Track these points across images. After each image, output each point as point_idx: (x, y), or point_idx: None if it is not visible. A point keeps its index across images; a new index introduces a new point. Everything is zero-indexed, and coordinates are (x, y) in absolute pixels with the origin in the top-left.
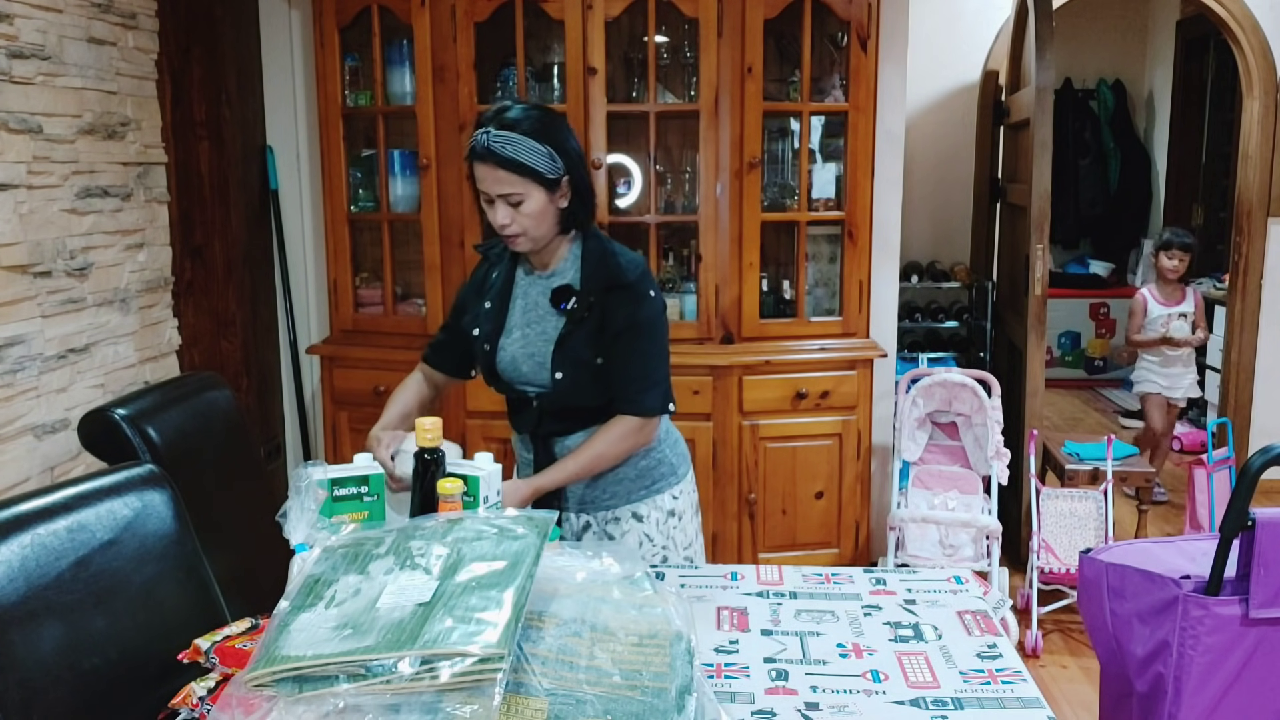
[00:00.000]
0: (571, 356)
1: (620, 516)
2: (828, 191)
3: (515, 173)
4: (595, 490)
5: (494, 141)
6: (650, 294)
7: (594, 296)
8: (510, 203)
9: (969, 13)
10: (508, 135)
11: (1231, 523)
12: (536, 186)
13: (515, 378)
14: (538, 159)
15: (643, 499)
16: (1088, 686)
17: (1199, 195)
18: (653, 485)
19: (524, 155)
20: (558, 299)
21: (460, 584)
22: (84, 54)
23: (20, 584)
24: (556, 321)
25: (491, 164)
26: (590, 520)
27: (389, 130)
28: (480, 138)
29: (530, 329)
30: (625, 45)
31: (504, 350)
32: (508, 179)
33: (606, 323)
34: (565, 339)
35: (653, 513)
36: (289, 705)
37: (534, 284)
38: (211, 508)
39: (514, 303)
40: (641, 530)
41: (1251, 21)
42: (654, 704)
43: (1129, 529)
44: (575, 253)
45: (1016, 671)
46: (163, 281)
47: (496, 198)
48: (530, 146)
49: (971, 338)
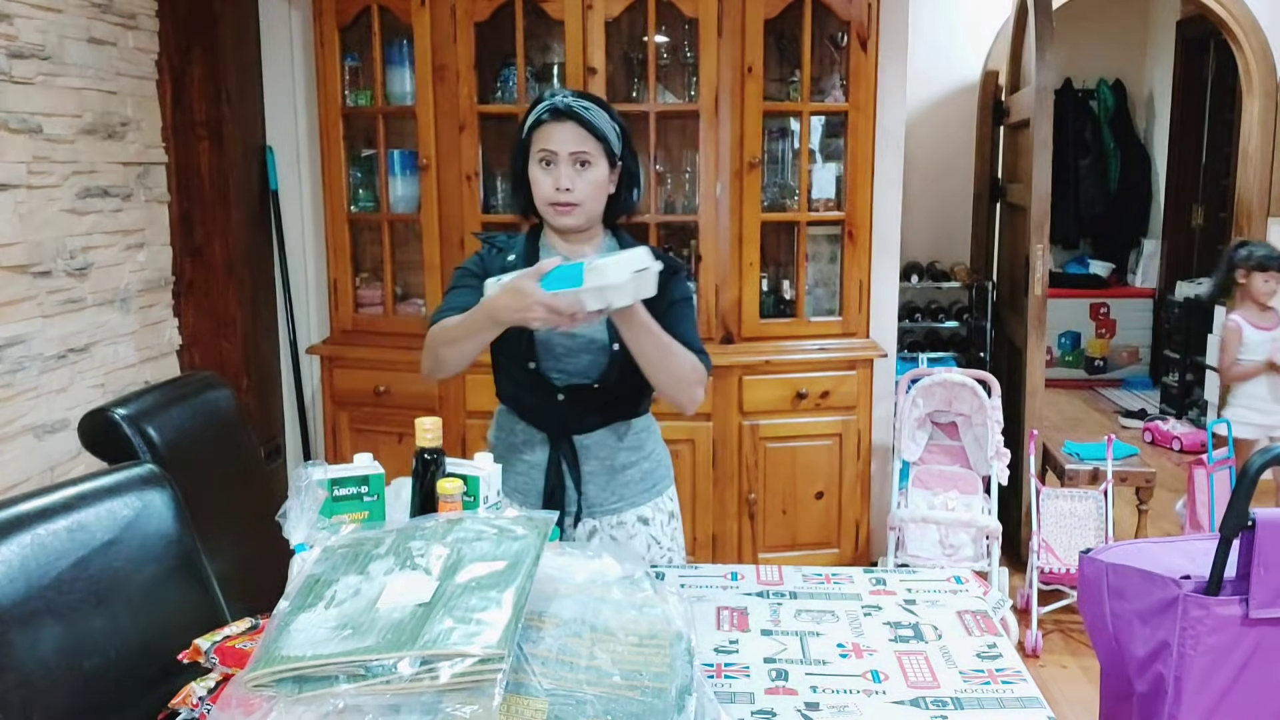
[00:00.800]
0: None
1: (626, 520)
2: (828, 191)
3: (593, 134)
4: (604, 493)
5: (574, 103)
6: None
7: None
8: (579, 161)
9: (969, 13)
10: (585, 101)
11: (1231, 523)
12: (603, 157)
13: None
14: (610, 130)
15: (646, 501)
16: (1088, 686)
17: (1199, 195)
18: (654, 487)
19: (600, 121)
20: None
21: (460, 584)
22: (84, 54)
23: (20, 584)
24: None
25: (573, 122)
26: (596, 525)
27: (389, 130)
28: (558, 100)
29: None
30: (625, 45)
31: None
32: (585, 139)
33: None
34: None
35: (657, 515)
36: (289, 705)
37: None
38: (211, 508)
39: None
40: (648, 533)
41: (1251, 21)
42: (654, 704)
43: (1129, 529)
44: (611, 244)
45: (1016, 671)
46: (163, 281)
47: (566, 156)
48: (605, 118)
49: (971, 338)
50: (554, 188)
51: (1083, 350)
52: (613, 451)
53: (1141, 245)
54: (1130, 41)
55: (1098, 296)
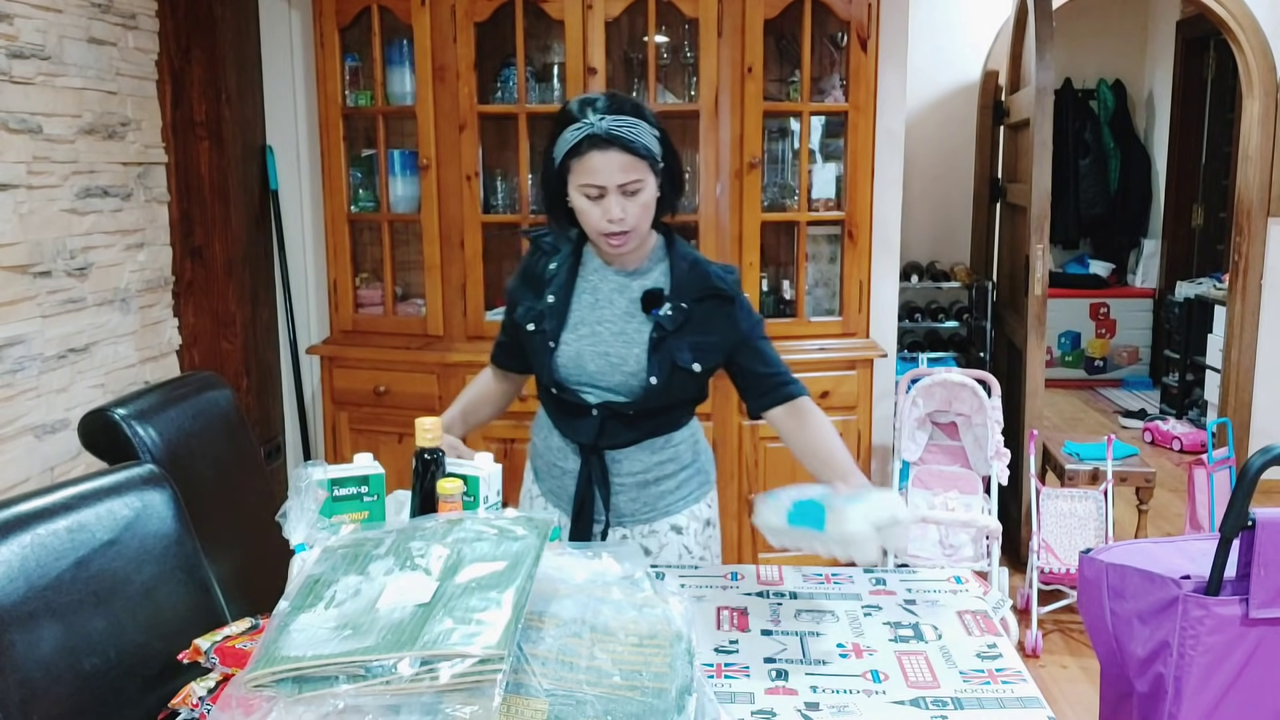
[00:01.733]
0: (669, 361)
1: (658, 529)
2: (828, 191)
3: (640, 157)
4: (636, 503)
5: (616, 126)
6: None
7: (685, 304)
8: (628, 192)
9: (969, 13)
10: (624, 119)
11: (1231, 523)
12: (651, 173)
13: (573, 376)
14: (654, 141)
15: (681, 509)
16: (1088, 686)
17: (1199, 195)
18: (689, 495)
19: (645, 138)
20: (649, 303)
21: (460, 585)
22: (84, 54)
23: (20, 584)
24: (641, 325)
25: (617, 149)
26: (626, 534)
27: (389, 130)
28: (599, 124)
29: (601, 327)
30: (625, 45)
31: (566, 346)
32: (633, 165)
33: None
34: (659, 344)
35: (691, 523)
36: (289, 706)
37: (606, 278)
38: (211, 508)
39: (578, 297)
40: (681, 543)
41: (1251, 21)
42: (654, 704)
43: (1129, 529)
44: (660, 252)
45: (1016, 671)
46: (163, 281)
47: (614, 189)
48: (646, 129)
49: (971, 338)
50: (604, 219)
51: (1083, 350)
52: (646, 466)
53: (1141, 245)
54: (1130, 41)
55: (1098, 296)
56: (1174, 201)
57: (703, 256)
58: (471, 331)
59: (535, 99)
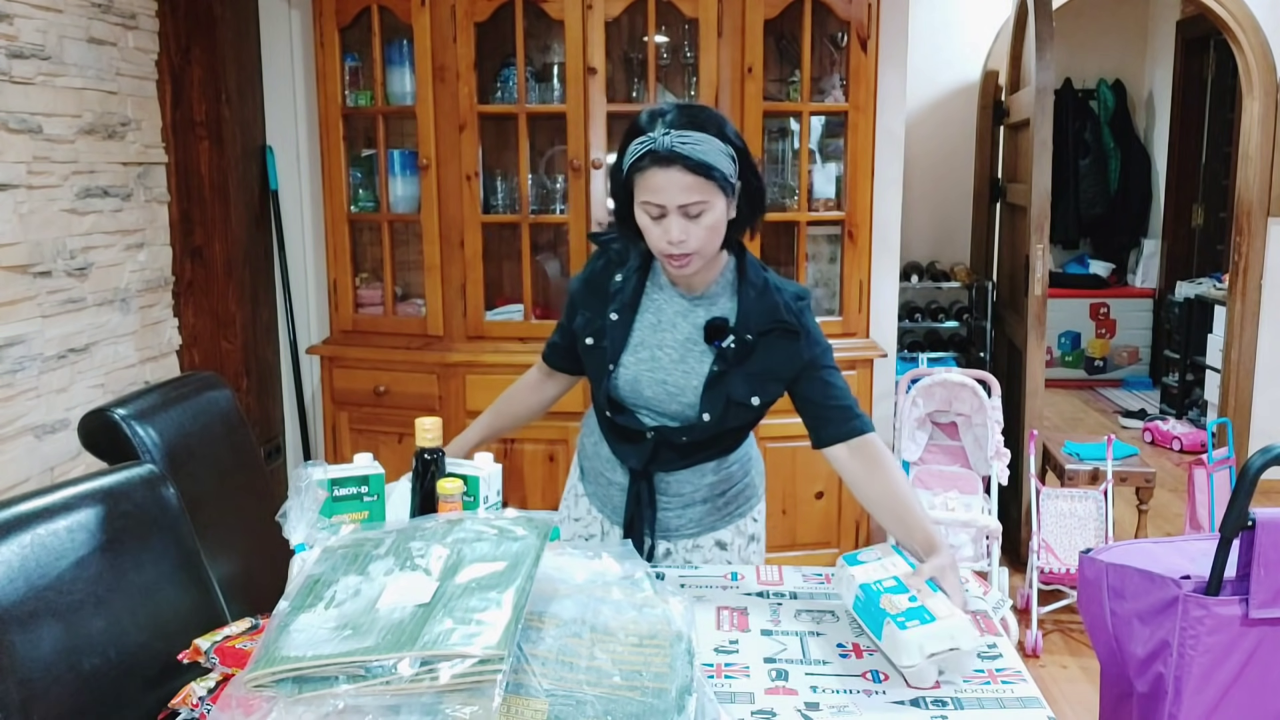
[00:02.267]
0: (724, 396)
1: (702, 544)
2: (828, 191)
3: (705, 177)
4: (682, 519)
5: (680, 142)
6: (814, 323)
7: (751, 336)
8: (690, 214)
9: (969, 13)
10: (691, 134)
11: (1231, 523)
12: (720, 194)
13: (630, 399)
14: (724, 160)
15: (726, 525)
16: (1088, 686)
17: (1199, 195)
18: (738, 510)
19: (713, 156)
20: (712, 334)
21: (460, 585)
22: (84, 54)
23: (20, 584)
24: (701, 355)
25: (679, 168)
26: (670, 548)
27: (389, 130)
28: (661, 139)
29: (662, 351)
30: (625, 45)
31: (625, 369)
32: (696, 186)
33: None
34: (717, 379)
35: (736, 539)
36: (289, 706)
37: (671, 300)
38: (211, 508)
39: (641, 316)
40: (724, 558)
41: (1251, 21)
42: (654, 704)
43: (1129, 529)
44: (729, 277)
45: (1016, 671)
46: (163, 281)
47: (675, 209)
48: (716, 146)
49: (971, 338)
50: (664, 239)
51: (1083, 350)
52: (696, 488)
53: (1141, 245)
54: (1130, 41)
55: (1098, 296)
56: (1174, 201)
57: (775, 279)
58: (471, 332)
59: (535, 99)
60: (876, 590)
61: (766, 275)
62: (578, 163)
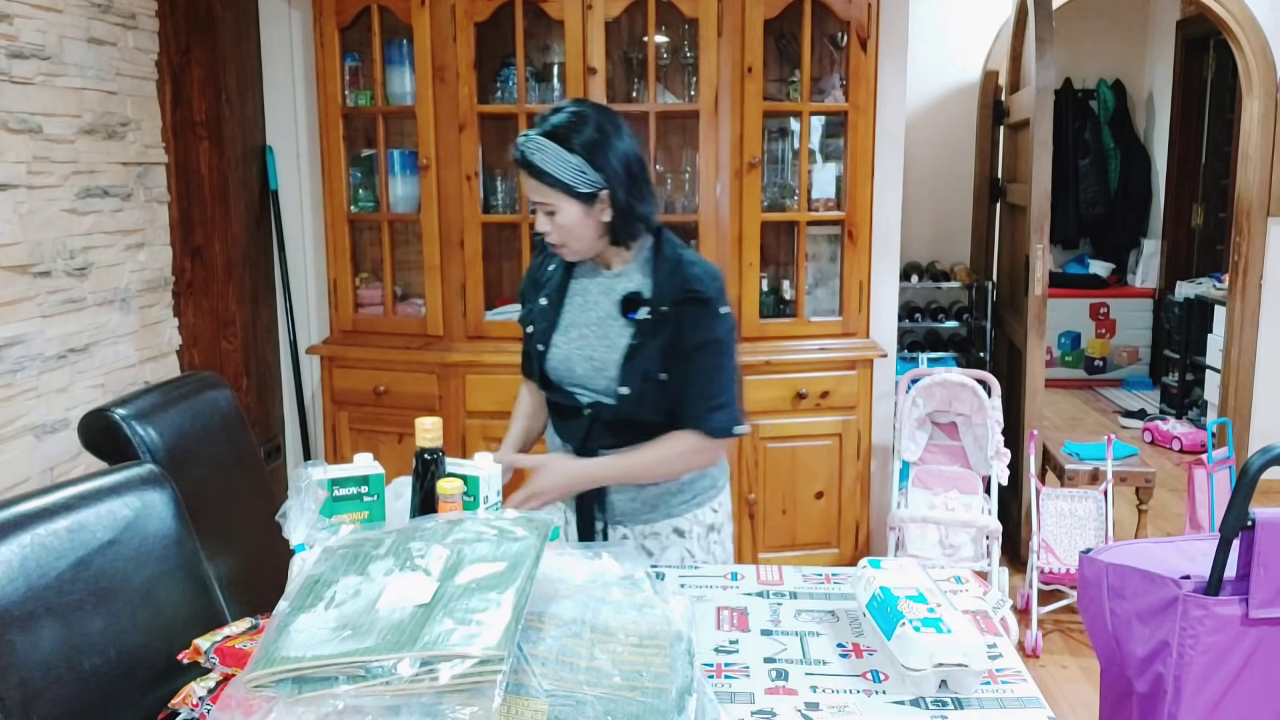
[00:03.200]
0: (639, 370)
1: (660, 531)
2: (828, 191)
3: (545, 183)
4: (635, 503)
5: (528, 149)
6: (724, 310)
7: (666, 307)
8: (548, 212)
9: (969, 13)
10: (542, 142)
11: (1231, 523)
12: (568, 199)
13: (566, 379)
14: (568, 172)
15: (684, 513)
16: (1088, 686)
17: (1199, 195)
18: (694, 499)
19: (552, 166)
20: (627, 307)
21: (460, 586)
22: (84, 54)
23: (20, 584)
24: (621, 328)
25: (526, 172)
26: (628, 534)
27: (389, 130)
28: (520, 142)
29: (588, 329)
30: (625, 45)
31: (556, 349)
32: (538, 189)
33: (679, 338)
34: (634, 352)
35: (694, 527)
36: (288, 706)
37: (594, 282)
38: (211, 508)
39: (569, 299)
40: (684, 547)
41: (1251, 21)
42: (654, 705)
43: (1129, 529)
44: (645, 255)
45: (1016, 671)
46: (163, 281)
47: (535, 204)
48: (562, 158)
49: (971, 338)
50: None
51: (1083, 350)
52: None
53: (1141, 245)
54: (1130, 41)
55: (1098, 296)
56: (1174, 201)
57: (691, 257)
58: (471, 331)
59: (535, 99)
60: (896, 594)
61: (682, 252)
62: None
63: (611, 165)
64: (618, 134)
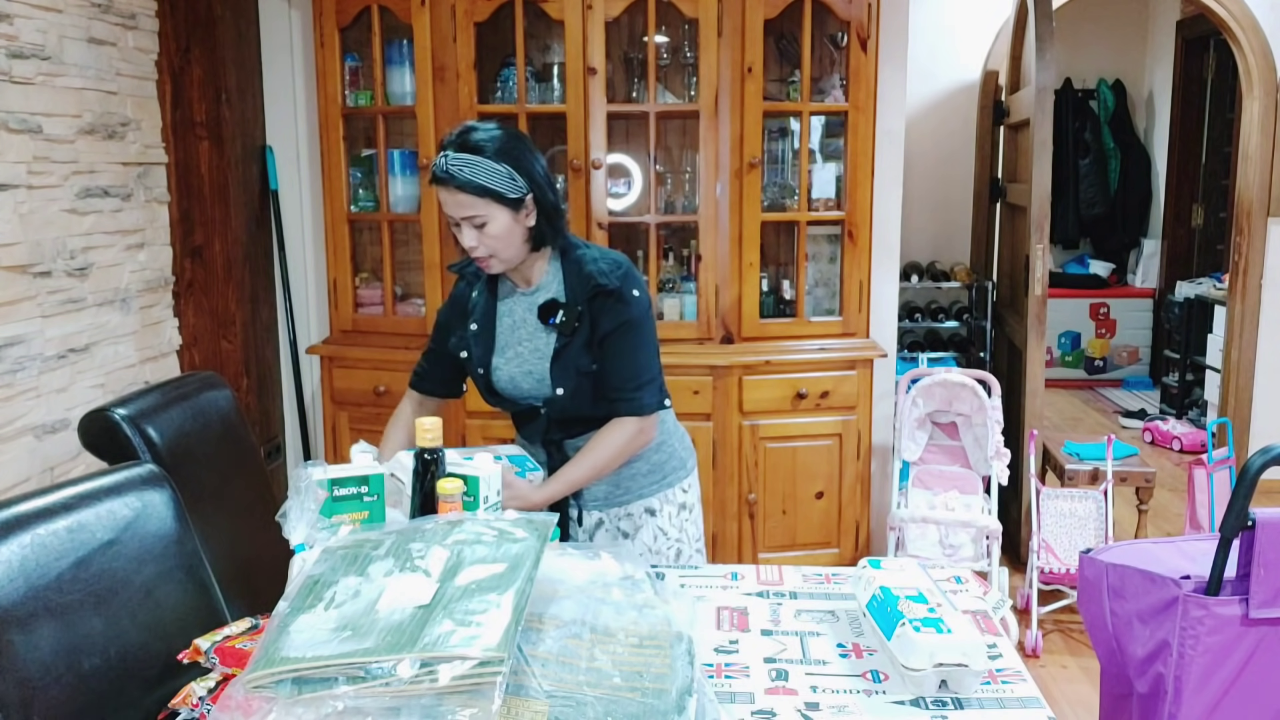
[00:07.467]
0: (570, 368)
1: (633, 512)
2: (828, 191)
3: (476, 195)
4: (608, 486)
5: (453, 165)
6: (634, 294)
7: (580, 306)
8: (475, 225)
9: (969, 13)
10: (466, 158)
11: (1231, 523)
12: (499, 207)
13: (517, 394)
14: (497, 179)
15: (655, 493)
16: (1088, 686)
17: (1199, 195)
18: (664, 479)
19: (482, 177)
20: (545, 314)
21: (460, 587)
22: (84, 54)
23: (20, 584)
24: (548, 337)
25: (452, 188)
26: (603, 517)
27: (389, 130)
28: (440, 162)
29: (522, 346)
30: (625, 45)
31: (499, 370)
32: (469, 202)
33: (596, 329)
34: (560, 353)
35: (665, 506)
36: (288, 707)
37: (518, 302)
38: (211, 508)
39: (500, 321)
40: (655, 525)
41: (1251, 21)
42: (654, 705)
43: (1129, 529)
44: (555, 266)
45: (1016, 671)
46: (163, 281)
47: (461, 221)
48: (489, 168)
49: (971, 338)
50: (464, 245)
51: (1083, 350)
52: None
53: (1141, 245)
54: (1130, 41)
55: (1098, 296)
56: (1174, 201)
57: (592, 254)
58: None
59: (535, 99)
60: (896, 594)
61: (582, 253)
62: (578, 163)
63: (533, 169)
64: (526, 142)
